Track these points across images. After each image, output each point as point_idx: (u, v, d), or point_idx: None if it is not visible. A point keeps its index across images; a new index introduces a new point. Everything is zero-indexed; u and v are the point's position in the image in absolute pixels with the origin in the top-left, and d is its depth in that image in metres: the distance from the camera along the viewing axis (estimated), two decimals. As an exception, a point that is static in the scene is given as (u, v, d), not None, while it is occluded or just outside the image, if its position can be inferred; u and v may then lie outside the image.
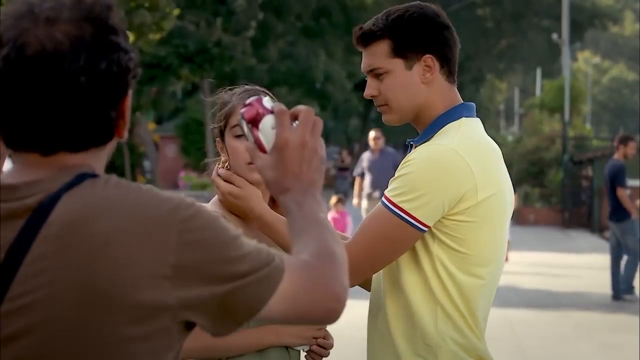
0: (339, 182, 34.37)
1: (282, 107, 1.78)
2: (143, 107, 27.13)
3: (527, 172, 25.71)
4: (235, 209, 2.84)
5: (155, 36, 15.90)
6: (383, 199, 2.74)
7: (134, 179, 33.03)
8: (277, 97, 2.94)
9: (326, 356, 2.96)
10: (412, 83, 2.82)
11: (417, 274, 2.78)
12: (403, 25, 2.81)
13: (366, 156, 14.84)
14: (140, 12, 15.15)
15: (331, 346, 2.95)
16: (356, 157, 38.22)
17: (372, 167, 14.57)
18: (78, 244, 1.58)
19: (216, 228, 1.63)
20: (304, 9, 34.92)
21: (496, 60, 52.59)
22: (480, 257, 2.79)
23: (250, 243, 1.66)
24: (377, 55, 2.83)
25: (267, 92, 2.94)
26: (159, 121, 40.86)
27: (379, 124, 50.86)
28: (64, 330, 1.58)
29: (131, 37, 15.88)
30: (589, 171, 24.65)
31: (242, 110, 1.82)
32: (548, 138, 26.77)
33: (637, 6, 76.01)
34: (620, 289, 12.48)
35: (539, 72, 53.04)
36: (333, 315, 1.70)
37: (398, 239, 2.72)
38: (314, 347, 2.90)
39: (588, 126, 36.56)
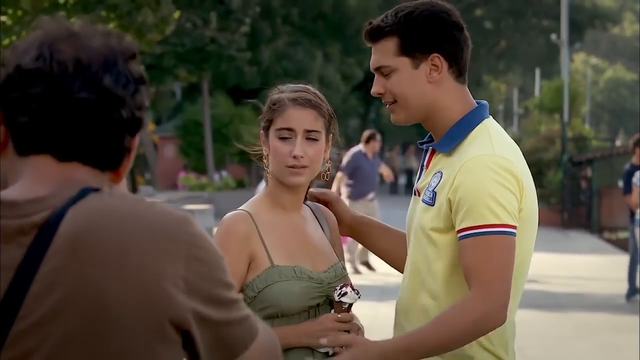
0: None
1: None
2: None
3: (526, 172, 25.70)
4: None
5: (155, 37, 15.87)
6: (474, 231, 2.65)
7: (133, 180, 32.99)
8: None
9: None
10: (418, 82, 2.78)
11: (460, 286, 2.74)
12: (411, 23, 2.77)
13: (361, 156, 14.28)
14: (143, 11, 15.11)
15: None
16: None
17: (371, 170, 14.33)
18: (88, 254, 1.57)
19: (217, 251, 1.67)
20: (289, 11, 34.84)
21: (495, 60, 52.62)
22: (522, 263, 2.80)
23: None
24: (383, 53, 2.79)
25: (316, 91, 2.94)
26: (157, 122, 40.87)
27: (378, 125, 50.89)
28: (79, 342, 1.56)
29: (130, 37, 15.96)
30: (588, 172, 24.63)
31: None
32: (547, 138, 26.76)
33: (637, 7, 76.03)
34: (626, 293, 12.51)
35: (537, 72, 53.03)
36: None
37: (512, 253, 2.68)
38: (338, 349, 2.79)
39: (587, 127, 36.55)
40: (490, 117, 2.88)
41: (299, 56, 33.88)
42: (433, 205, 2.75)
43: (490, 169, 2.67)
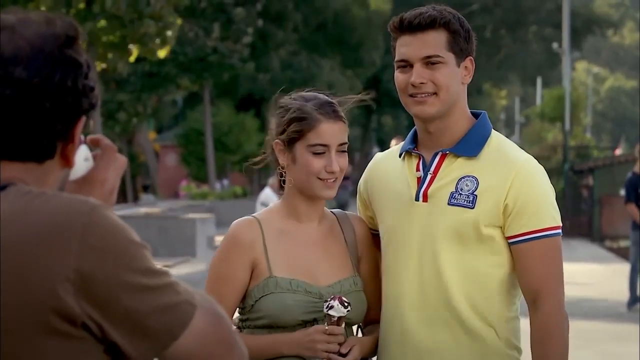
0: (340, 192, 34.28)
1: (110, 143, 1.77)
2: (141, 115, 27.13)
3: (527, 181, 25.71)
4: None
5: (160, 49, 15.89)
6: (542, 233, 2.83)
7: (134, 188, 33.03)
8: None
9: None
10: (457, 80, 2.85)
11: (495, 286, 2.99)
12: (458, 23, 2.85)
13: None
14: (145, 22, 15.13)
15: None
16: (357, 166, 38.19)
17: None
18: None
19: (126, 239, 1.59)
20: (302, 17, 34.92)
21: (495, 69, 52.65)
22: None
23: (155, 264, 1.63)
24: (435, 44, 2.82)
25: (331, 97, 2.93)
26: (159, 130, 40.90)
27: (379, 134, 50.74)
28: None
29: (135, 50, 15.94)
30: (589, 180, 24.65)
31: None
32: (549, 147, 26.78)
33: (638, 16, 76.12)
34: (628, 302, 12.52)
35: (539, 81, 53.05)
36: None
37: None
38: None
39: (589, 135, 36.57)
40: None
41: (303, 64, 33.85)
42: (472, 208, 2.80)
43: (544, 174, 2.85)
